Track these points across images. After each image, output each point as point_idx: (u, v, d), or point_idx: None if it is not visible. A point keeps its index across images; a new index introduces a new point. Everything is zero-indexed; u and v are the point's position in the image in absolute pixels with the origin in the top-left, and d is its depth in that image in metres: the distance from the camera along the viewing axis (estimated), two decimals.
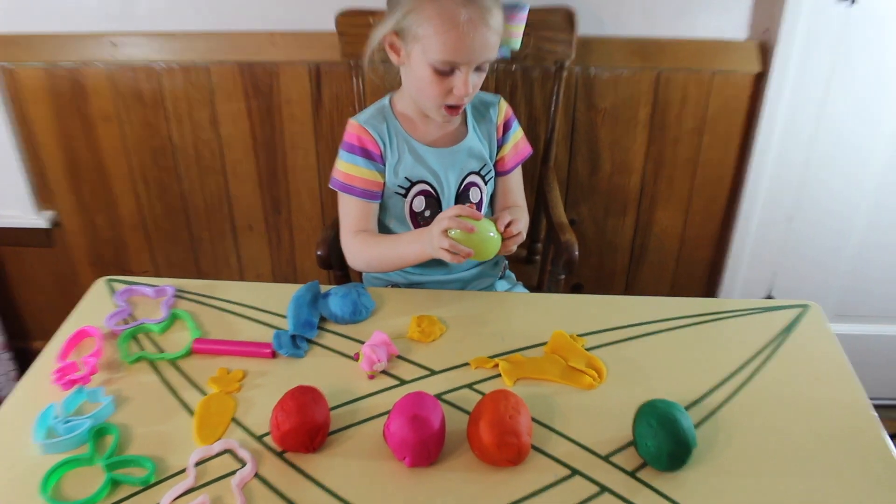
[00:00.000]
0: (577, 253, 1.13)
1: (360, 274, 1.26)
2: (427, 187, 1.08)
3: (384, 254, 1.04)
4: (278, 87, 1.50)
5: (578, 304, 0.99)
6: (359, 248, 1.06)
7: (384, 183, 1.07)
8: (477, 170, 1.11)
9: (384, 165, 1.06)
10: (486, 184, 1.13)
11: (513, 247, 0.93)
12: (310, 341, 0.91)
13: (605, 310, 0.97)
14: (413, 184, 1.07)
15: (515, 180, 1.17)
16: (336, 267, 1.20)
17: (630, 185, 1.58)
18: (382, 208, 1.09)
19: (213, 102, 1.52)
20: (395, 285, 1.15)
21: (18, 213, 1.62)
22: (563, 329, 0.91)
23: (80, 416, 0.78)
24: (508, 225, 0.92)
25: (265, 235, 1.70)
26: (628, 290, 1.72)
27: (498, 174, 1.14)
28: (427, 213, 1.09)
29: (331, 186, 1.08)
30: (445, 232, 0.90)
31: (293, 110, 1.52)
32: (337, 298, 0.95)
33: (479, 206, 1.13)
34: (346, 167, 1.05)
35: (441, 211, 1.09)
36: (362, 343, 0.89)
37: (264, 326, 0.93)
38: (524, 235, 0.97)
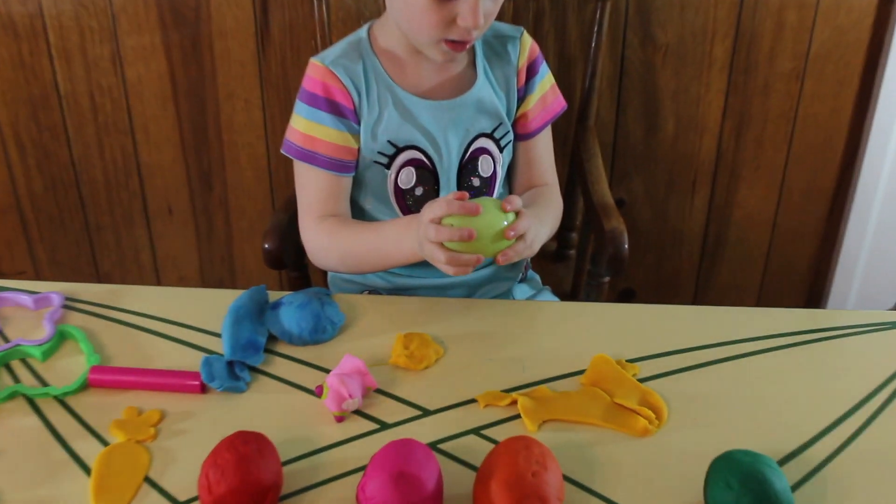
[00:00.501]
0: (626, 246, 1.13)
1: (324, 275, 1.27)
2: (418, 155, 1.08)
3: (360, 249, 1.04)
4: (207, 13, 1.50)
5: (629, 318, 0.98)
6: (325, 241, 1.06)
7: (359, 149, 1.07)
8: (489, 131, 1.11)
9: (359, 124, 1.06)
10: (501, 151, 1.13)
11: (513, 256, 0.93)
12: (253, 369, 0.91)
13: (665, 325, 0.97)
14: (399, 150, 1.07)
15: (543, 147, 1.16)
16: (291, 266, 1.20)
17: (701, 152, 1.59)
18: (356, 183, 1.09)
19: (116, 34, 1.52)
20: (374, 291, 1.16)
21: None
22: (608, 353, 0.91)
23: None
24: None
25: (191, 222, 1.70)
26: (699, 297, 1.72)
27: (518, 137, 1.15)
28: (419, 192, 1.09)
29: (284, 153, 1.08)
30: (440, 243, 0.91)
31: (229, 45, 1.52)
32: (292, 310, 0.95)
33: (490, 183, 1.13)
34: (306, 126, 1.05)
35: (438, 188, 1.10)
36: (327, 372, 0.89)
37: (189, 349, 0.93)
38: (537, 245, 0.97)
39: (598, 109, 1.51)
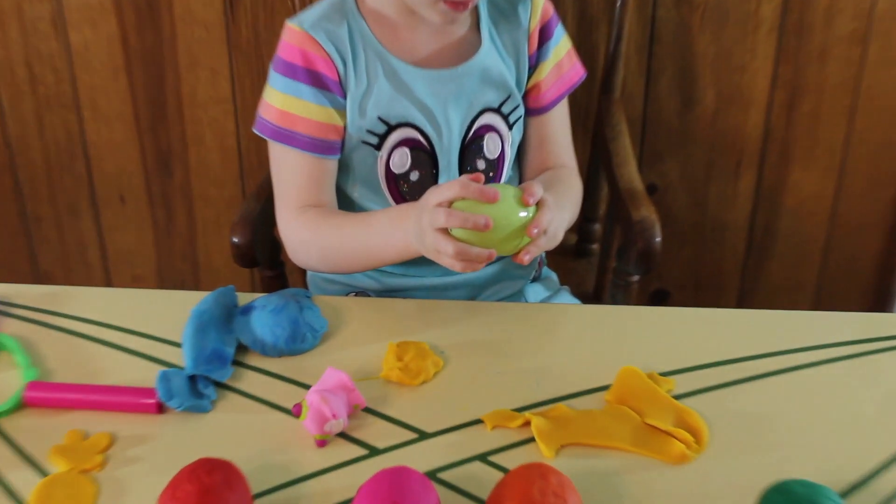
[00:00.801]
0: (658, 239, 1.13)
1: (303, 274, 1.27)
2: (414, 134, 1.08)
3: (344, 245, 1.05)
4: None
5: (662, 324, 0.99)
6: (307, 235, 1.06)
7: (345, 127, 1.07)
8: (496, 105, 1.11)
9: (345, 98, 1.06)
10: (510, 128, 1.13)
11: (535, 252, 0.93)
12: (219, 385, 0.91)
13: (705, 332, 0.97)
14: (391, 128, 1.07)
15: (558, 123, 1.17)
16: (264, 263, 1.20)
17: (747, 129, 1.58)
18: (342, 167, 1.10)
19: None
20: (362, 293, 1.16)
21: None
22: (637, 364, 0.91)
23: None
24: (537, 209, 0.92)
25: (146, 212, 1.70)
26: (744, 299, 1.72)
27: (530, 112, 1.15)
28: (414, 176, 1.10)
29: (256, 132, 1.08)
30: (445, 230, 0.90)
31: (191, 4, 1.52)
32: (265, 315, 0.95)
33: (498, 165, 1.13)
34: (283, 101, 1.05)
35: (436, 173, 1.10)
36: (307, 388, 0.89)
37: (144, 361, 0.93)
38: (560, 236, 0.97)
39: (625, 79, 1.51)
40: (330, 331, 0.97)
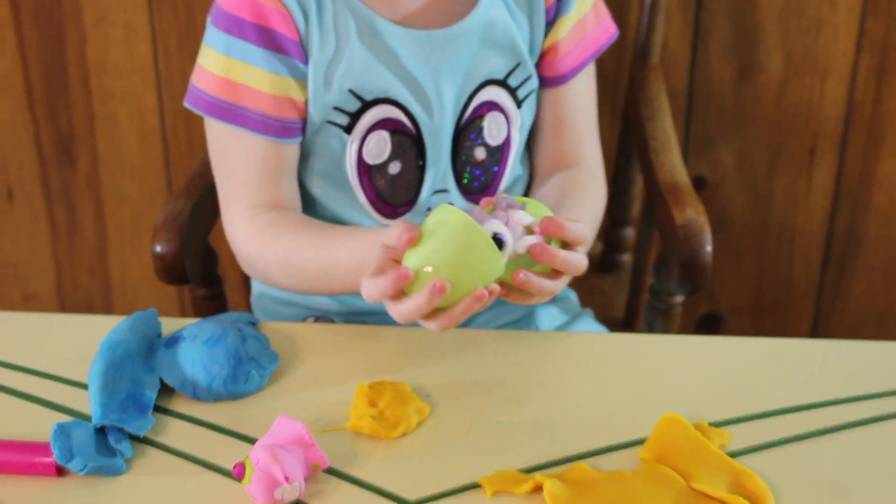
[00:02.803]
0: (709, 248, 1.14)
1: (246, 293, 1.26)
2: (395, 113, 1.08)
3: (307, 269, 1.04)
4: None
5: (714, 358, 0.99)
6: (256, 247, 1.06)
7: (306, 103, 1.07)
8: (501, 75, 1.12)
9: (306, 64, 1.06)
10: (519, 106, 1.13)
11: (539, 284, 0.91)
12: (136, 440, 0.90)
13: (770, 370, 0.97)
14: (366, 105, 1.07)
15: (581, 99, 1.17)
16: (196, 279, 1.20)
17: (824, 106, 1.59)
18: (300, 156, 1.10)
19: None
20: (324, 317, 1.16)
21: None
22: (682, 412, 0.91)
23: None
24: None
25: (42, 212, 1.70)
26: (820, 326, 1.72)
27: (544, 83, 1.15)
28: (394, 168, 1.10)
29: (189, 106, 1.08)
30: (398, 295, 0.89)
31: None
32: (197, 348, 0.95)
33: (502, 155, 1.14)
34: (226, 66, 1.05)
35: (423, 165, 1.10)
36: (252, 443, 0.89)
37: (38, 408, 0.93)
38: (583, 264, 0.94)
39: (666, 41, 1.52)
40: (282, 367, 0.97)
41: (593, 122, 1.18)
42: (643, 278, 1.37)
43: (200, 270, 1.20)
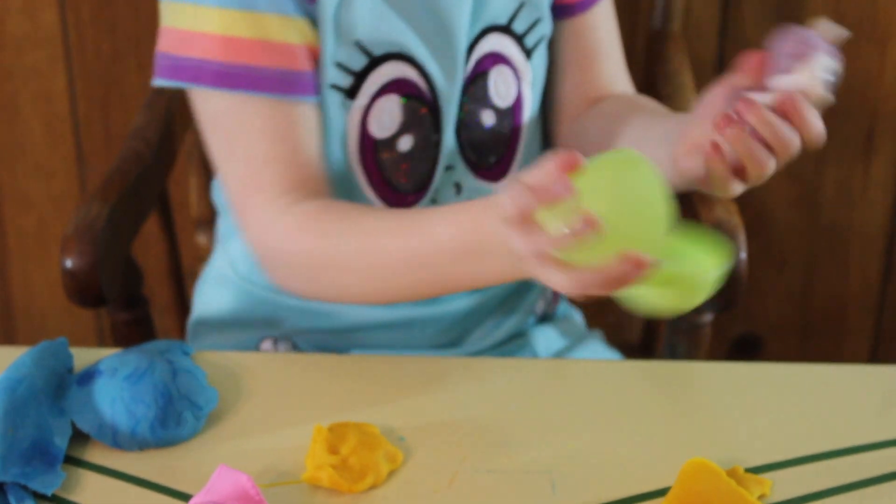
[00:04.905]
0: (744, 255, 1.15)
1: (180, 316, 1.26)
2: (408, 72, 1.08)
3: (398, 251, 1.00)
4: None
5: (751, 389, 0.99)
6: (311, 242, 1.03)
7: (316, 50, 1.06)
8: (504, 20, 1.12)
9: (314, 2, 1.04)
10: (528, 57, 1.14)
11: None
12: (42, 498, 0.90)
13: (820, 402, 0.98)
14: (374, 62, 1.08)
15: (609, 25, 1.18)
16: (117, 300, 1.19)
17: (884, 81, 1.60)
18: None
19: None
20: (283, 339, 1.18)
21: None
22: (712, 456, 0.91)
23: None
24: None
25: None
26: (881, 349, 1.73)
27: (561, 14, 1.15)
28: (404, 145, 1.10)
29: (183, 84, 1.06)
30: (546, 253, 0.86)
31: None
32: (118, 384, 0.95)
33: (513, 118, 1.14)
34: (228, 21, 1.03)
35: (439, 138, 1.10)
36: (186, 500, 0.89)
37: None
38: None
39: (690, 4, 1.53)
40: (222, 407, 0.97)
41: (622, 53, 1.19)
42: None
43: (121, 290, 1.19)
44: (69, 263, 1.14)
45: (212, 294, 1.22)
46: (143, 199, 1.26)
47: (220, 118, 1.06)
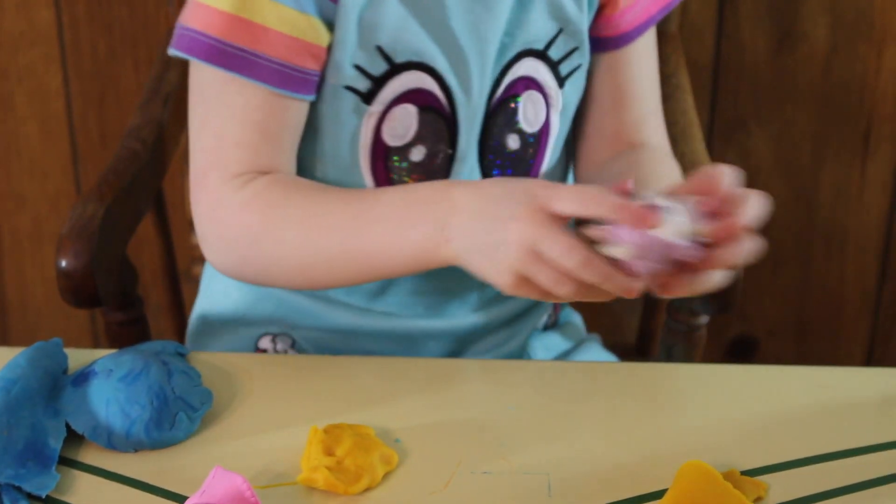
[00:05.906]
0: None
1: (176, 317, 1.25)
2: (427, 83, 1.08)
3: (331, 239, 1.01)
4: None
5: (747, 391, 1.00)
6: (253, 219, 1.03)
7: (328, 52, 1.05)
8: (541, 45, 1.11)
9: (336, 2, 1.04)
10: (561, 85, 1.14)
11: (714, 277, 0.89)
12: (36, 500, 0.90)
13: (817, 405, 0.98)
14: (395, 69, 1.07)
15: (646, 66, 1.17)
16: (112, 300, 1.20)
17: (880, 82, 1.60)
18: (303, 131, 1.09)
19: None
20: (283, 335, 1.17)
21: None
22: (709, 459, 0.91)
23: None
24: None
25: None
26: (877, 352, 1.73)
27: (599, 47, 1.14)
28: (416, 155, 1.09)
29: (176, 52, 1.05)
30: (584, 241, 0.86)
31: None
32: (113, 385, 0.95)
33: (539, 146, 1.13)
34: (240, 1, 1.02)
35: (454, 152, 1.10)
36: (181, 501, 0.89)
37: None
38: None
39: (686, 4, 1.53)
40: (217, 408, 0.97)
41: (658, 96, 1.18)
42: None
43: (116, 290, 1.19)
44: (64, 263, 1.14)
45: (217, 288, 1.22)
46: (139, 199, 1.26)
47: (205, 90, 1.06)
